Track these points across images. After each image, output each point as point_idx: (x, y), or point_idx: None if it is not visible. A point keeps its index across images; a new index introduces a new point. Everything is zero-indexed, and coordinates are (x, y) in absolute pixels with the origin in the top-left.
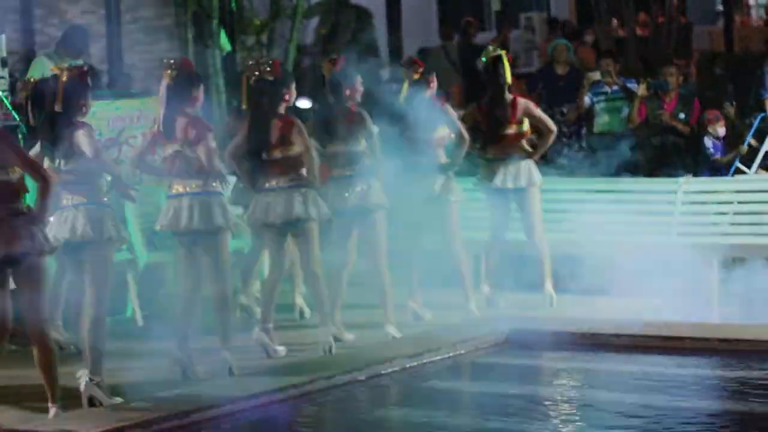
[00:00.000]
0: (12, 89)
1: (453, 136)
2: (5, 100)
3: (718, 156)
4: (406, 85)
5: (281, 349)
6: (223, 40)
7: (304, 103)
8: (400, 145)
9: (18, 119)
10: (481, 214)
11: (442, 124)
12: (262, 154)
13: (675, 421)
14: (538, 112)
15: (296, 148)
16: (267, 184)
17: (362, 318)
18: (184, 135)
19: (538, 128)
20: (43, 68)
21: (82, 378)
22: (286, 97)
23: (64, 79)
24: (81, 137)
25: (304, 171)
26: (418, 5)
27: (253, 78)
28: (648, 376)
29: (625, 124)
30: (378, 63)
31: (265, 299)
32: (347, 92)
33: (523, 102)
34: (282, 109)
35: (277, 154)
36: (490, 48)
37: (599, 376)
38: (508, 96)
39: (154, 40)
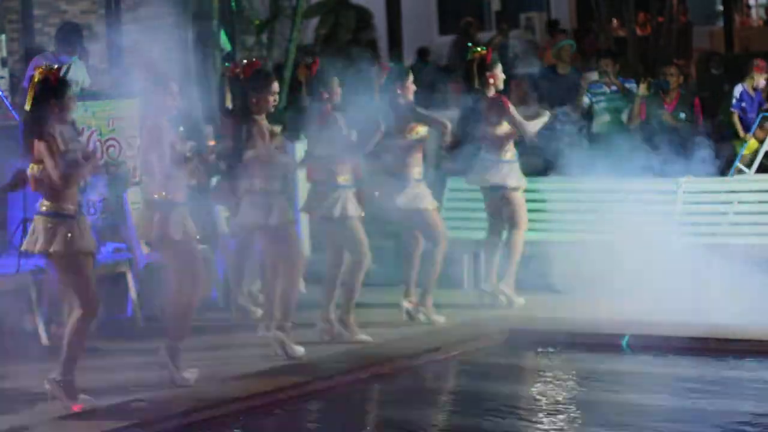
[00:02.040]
0: (12, 89)
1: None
2: (5, 100)
3: (738, 111)
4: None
5: (299, 349)
6: (223, 40)
7: None
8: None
9: (18, 119)
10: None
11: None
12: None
13: (675, 421)
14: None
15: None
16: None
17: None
18: None
19: None
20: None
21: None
22: (253, 100)
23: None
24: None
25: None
26: (418, 5)
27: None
28: (649, 376)
29: (625, 124)
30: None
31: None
32: (324, 95)
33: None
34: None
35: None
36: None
37: (599, 376)
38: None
39: (154, 40)
